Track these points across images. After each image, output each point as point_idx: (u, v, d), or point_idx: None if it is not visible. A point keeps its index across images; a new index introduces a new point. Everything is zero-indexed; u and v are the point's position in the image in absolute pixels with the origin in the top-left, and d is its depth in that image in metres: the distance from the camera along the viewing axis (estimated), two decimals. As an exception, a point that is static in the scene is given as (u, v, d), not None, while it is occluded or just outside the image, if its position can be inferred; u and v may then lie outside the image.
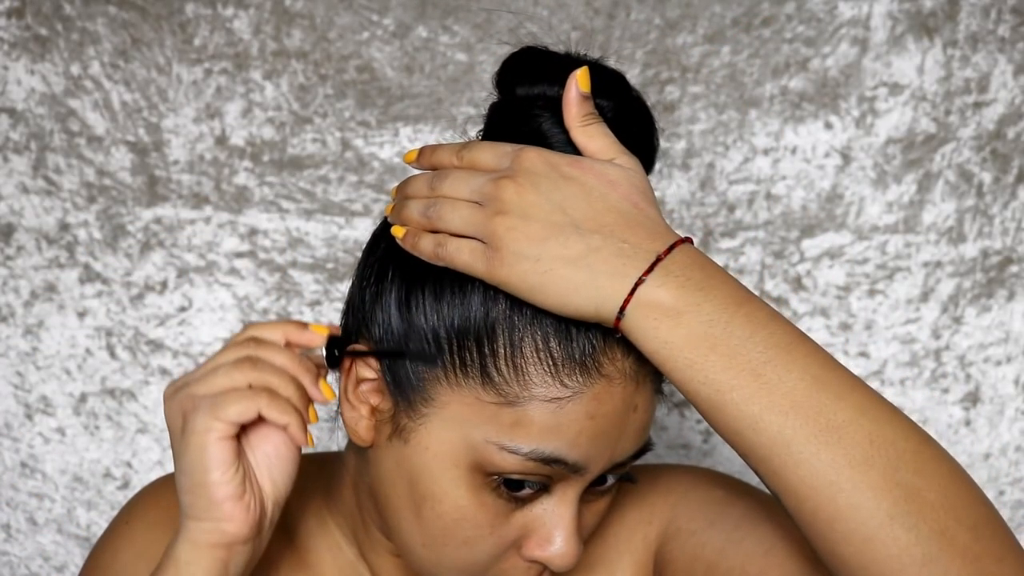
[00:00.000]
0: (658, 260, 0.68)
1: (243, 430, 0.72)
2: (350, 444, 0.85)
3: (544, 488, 0.74)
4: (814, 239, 1.25)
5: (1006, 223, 1.24)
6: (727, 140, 1.23)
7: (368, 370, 0.78)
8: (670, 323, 0.67)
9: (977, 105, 1.23)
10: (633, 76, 1.23)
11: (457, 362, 0.73)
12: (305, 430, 0.72)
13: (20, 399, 1.29)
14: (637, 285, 0.67)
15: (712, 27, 1.22)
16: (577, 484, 0.74)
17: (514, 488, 0.73)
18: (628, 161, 0.72)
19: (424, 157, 0.75)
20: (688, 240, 0.70)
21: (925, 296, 1.25)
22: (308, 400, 0.74)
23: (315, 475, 0.88)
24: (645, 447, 0.76)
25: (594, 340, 0.71)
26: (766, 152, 1.24)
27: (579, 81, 0.72)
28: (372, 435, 0.78)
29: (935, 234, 1.24)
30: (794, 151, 1.24)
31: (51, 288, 1.27)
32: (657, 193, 1.25)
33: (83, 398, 1.29)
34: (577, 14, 1.21)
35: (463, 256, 0.70)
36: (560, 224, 0.68)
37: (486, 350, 0.72)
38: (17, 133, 1.26)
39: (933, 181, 1.24)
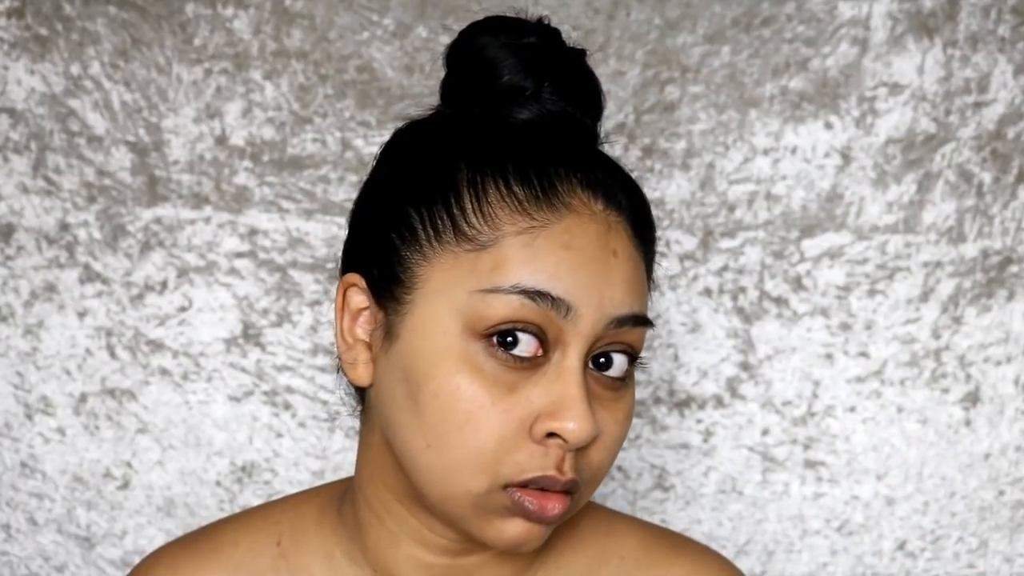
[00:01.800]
0: None
1: None
2: (360, 437, 0.84)
3: (543, 351, 0.73)
4: (814, 239, 1.25)
5: (1006, 223, 1.24)
6: (727, 140, 1.23)
7: (360, 295, 0.79)
8: None
9: (977, 105, 1.23)
10: (633, 76, 1.23)
11: (431, 231, 0.75)
12: None
13: (20, 399, 1.29)
14: None
15: (712, 27, 1.22)
16: (576, 342, 0.73)
17: (509, 346, 0.72)
18: None
19: None
20: None
21: (925, 296, 1.25)
22: None
23: (304, 507, 0.88)
24: (643, 318, 0.76)
25: (554, 178, 0.75)
26: (766, 152, 1.24)
27: None
28: (371, 371, 0.78)
29: (935, 234, 1.24)
30: (794, 151, 1.24)
31: (51, 288, 1.27)
32: (657, 193, 1.25)
33: (83, 398, 1.29)
34: (577, 14, 1.21)
35: None
36: None
37: (455, 209, 0.75)
38: (17, 133, 1.26)
39: (933, 181, 1.24)
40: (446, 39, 1.22)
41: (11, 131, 1.26)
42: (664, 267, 1.25)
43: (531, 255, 0.73)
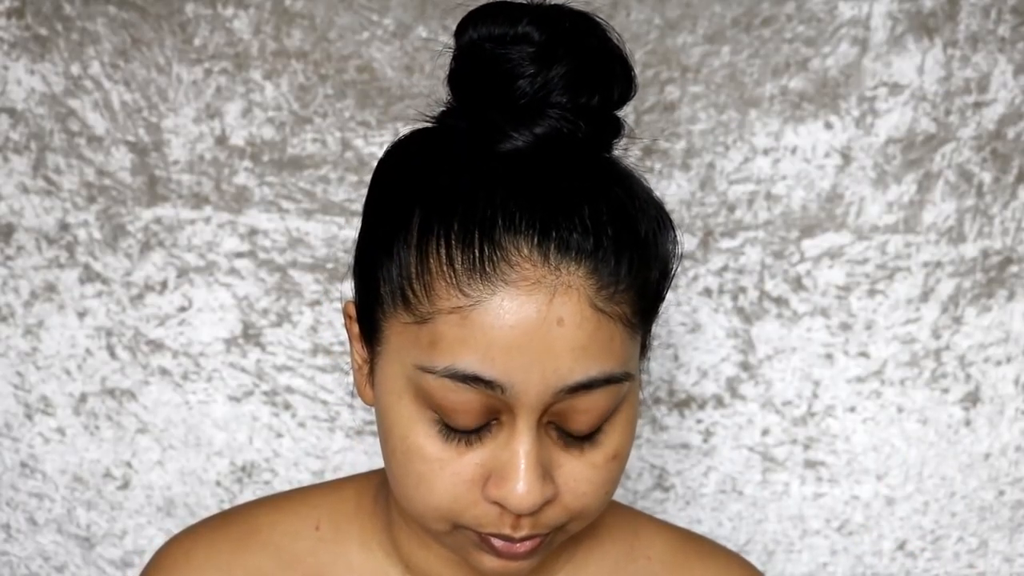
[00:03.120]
0: None
1: None
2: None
3: (491, 418, 0.72)
4: (814, 239, 1.25)
5: (1006, 223, 1.24)
6: (727, 140, 1.23)
7: (354, 324, 0.79)
8: None
9: (977, 105, 1.23)
10: (633, 76, 1.23)
11: (387, 291, 0.73)
12: None
13: (20, 399, 1.29)
14: None
15: (712, 27, 1.22)
16: (524, 414, 0.71)
17: (452, 420, 0.72)
18: None
19: None
20: None
21: (925, 296, 1.25)
22: None
23: (346, 495, 0.88)
24: (608, 377, 0.71)
25: (495, 242, 0.69)
26: (766, 152, 1.24)
27: None
28: (369, 391, 0.78)
29: (935, 234, 1.24)
30: (794, 151, 1.24)
31: (51, 288, 1.27)
32: (657, 193, 1.25)
33: (83, 398, 1.29)
34: (577, 14, 1.21)
35: None
36: None
37: (403, 273, 0.72)
38: (17, 133, 1.26)
39: (933, 181, 1.24)
40: (446, 39, 1.22)
41: (11, 131, 1.26)
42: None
43: (463, 335, 0.69)
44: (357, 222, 1.25)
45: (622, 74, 0.75)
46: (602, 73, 0.74)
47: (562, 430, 0.73)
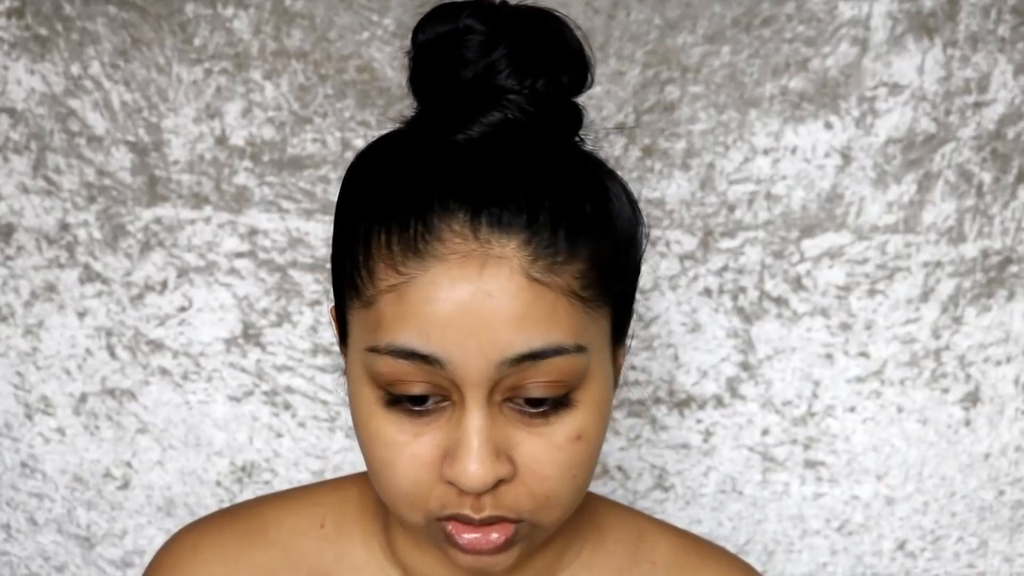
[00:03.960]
0: None
1: None
2: None
3: (442, 397, 0.73)
4: (814, 239, 1.25)
5: (1006, 223, 1.24)
6: (727, 140, 1.23)
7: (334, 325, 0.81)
8: None
9: (977, 105, 1.23)
10: (633, 76, 1.23)
11: (346, 286, 0.75)
12: None
13: (20, 399, 1.29)
14: None
15: (712, 27, 1.22)
16: (471, 390, 0.71)
17: (402, 399, 0.73)
18: None
19: None
20: None
21: (925, 296, 1.25)
22: None
23: (344, 495, 0.89)
24: (554, 348, 0.71)
25: (428, 222, 0.71)
26: (766, 152, 1.24)
27: None
28: None
29: (935, 234, 1.24)
30: (794, 151, 1.24)
31: (51, 288, 1.27)
32: (656, 193, 1.25)
33: (83, 398, 1.29)
34: (577, 14, 1.21)
35: None
36: None
37: (354, 264, 0.74)
38: (17, 133, 1.26)
39: (933, 181, 1.24)
40: (446, 39, 1.22)
41: (11, 131, 1.26)
42: (664, 267, 1.25)
43: (400, 313, 0.71)
44: (357, 222, 1.25)
45: (571, 60, 0.76)
46: (547, 57, 0.75)
47: (520, 407, 0.73)
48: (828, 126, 1.23)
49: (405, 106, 1.24)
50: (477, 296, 0.70)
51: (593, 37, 1.22)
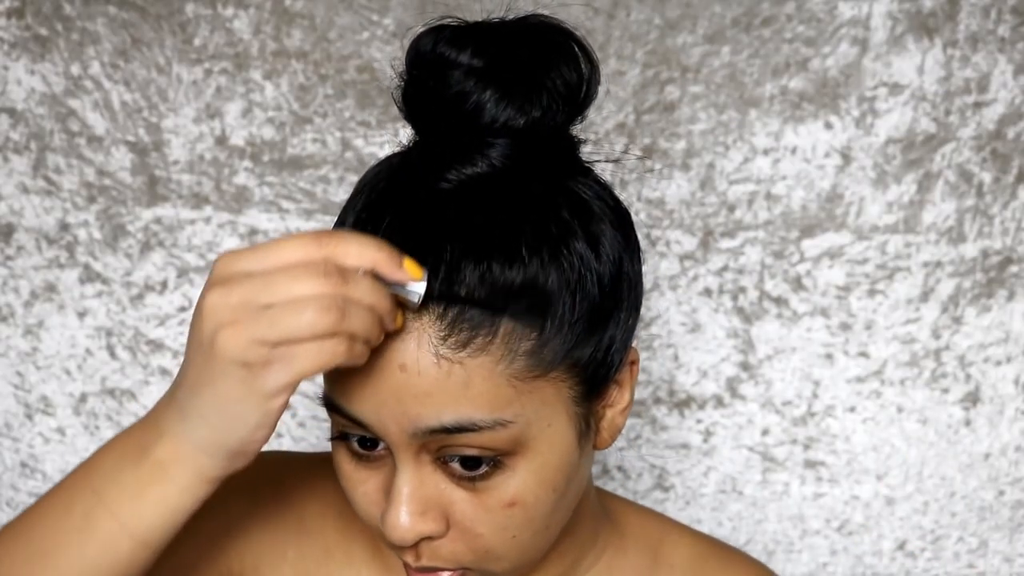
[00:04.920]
0: None
1: None
2: None
3: (388, 451, 0.73)
4: (814, 239, 1.25)
5: (1006, 223, 1.24)
6: (727, 140, 1.23)
7: None
8: None
9: (977, 105, 1.23)
10: (633, 76, 1.23)
11: None
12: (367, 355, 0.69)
13: (20, 399, 1.29)
14: None
15: (712, 27, 1.22)
16: (398, 450, 0.72)
17: (346, 438, 0.75)
18: None
19: None
20: None
21: (925, 296, 1.25)
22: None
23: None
24: (465, 425, 0.70)
25: None
26: (766, 152, 1.24)
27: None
28: None
29: (935, 234, 1.24)
30: (794, 151, 1.24)
31: (51, 288, 1.27)
32: (656, 193, 1.25)
33: (83, 398, 1.29)
34: (577, 14, 1.21)
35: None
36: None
37: None
38: (17, 133, 1.26)
39: (933, 181, 1.24)
40: (446, 39, 1.22)
41: (11, 131, 1.26)
42: (664, 267, 1.25)
43: (333, 373, 0.72)
44: (357, 222, 1.25)
45: (566, 93, 0.74)
46: (537, 93, 0.73)
47: (451, 468, 0.73)
48: (828, 126, 1.23)
49: (405, 106, 1.24)
50: (388, 369, 0.70)
51: (593, 37, 1.22)
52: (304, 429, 1.29)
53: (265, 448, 0.69)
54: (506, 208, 0.71)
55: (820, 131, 1.23)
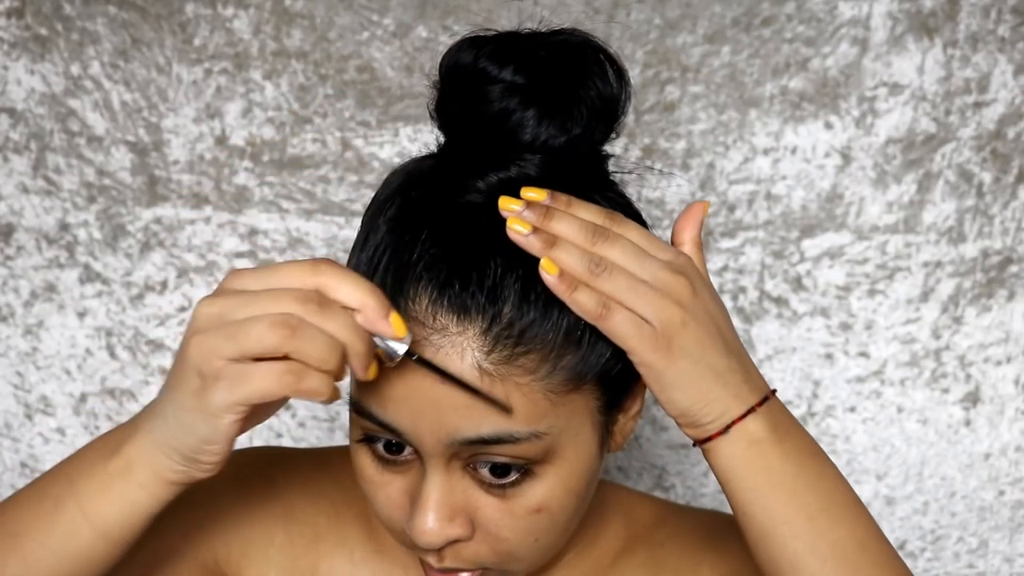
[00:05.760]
0: (766, 398, 0.73)
1: None
2: None
3: (415, 456, 0.74)
4: (814, 239, 1.25)
5: (1006, 223, 1.24)
6: (727, 140, 1.23)
7: None
8: (754, 450, 0.72)
9: (977, 105, 1.23)
10: (633, 76, 1.23)
11: None
12: (331, 392, 0.67)
13: (20, 399, 1.29)
14: (748, 412, 0.72)
15: (712, 27, 1.22)
16: (429, 457, 0.73)
17: (372, 441, 0.75)
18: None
19: (558, 202, 0.72)
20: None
21: (925, 296, 1.25)
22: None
23: (325, 473, 0.90)
24: (502, 436, 0.72)
25: (399, 303, 0.72)
26: (766, 152, 1.24)
27: (705, 208, 0.78)
28: None
29: (935, 234, 1.24)
30: (794, 151, 1.24)
31: (51, 288, 1.27)
32: (656, 193, 1.25)
33: (83, 398, 1.29)
34: (577, 14, 1.21)
35: (629, 330, 0.70)
36: (716, 337, 0.72)
37: None
38: (17, 133, 1.26)
39: (933, 181, 1.24)
40: (446, 39, 1.22)
41: (11, 131, 1.26)
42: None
43: (365, 382, 0.72)
44: (357, 222, 1.25)
45: (597, 111, 0.75)
46: (571, 110, 0.75)
47: (481, 475, 0.74)
48: (828, 126, 1.23)
49: (406, 105, 1.24)
50: (428, 380, 0.71)
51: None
52: (304, 429, 1.29)
53: (264, 446, 0.70)
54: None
55: (820, 131, 1.23)
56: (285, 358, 0.65)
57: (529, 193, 0.71)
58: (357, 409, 0.74)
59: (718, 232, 1.25)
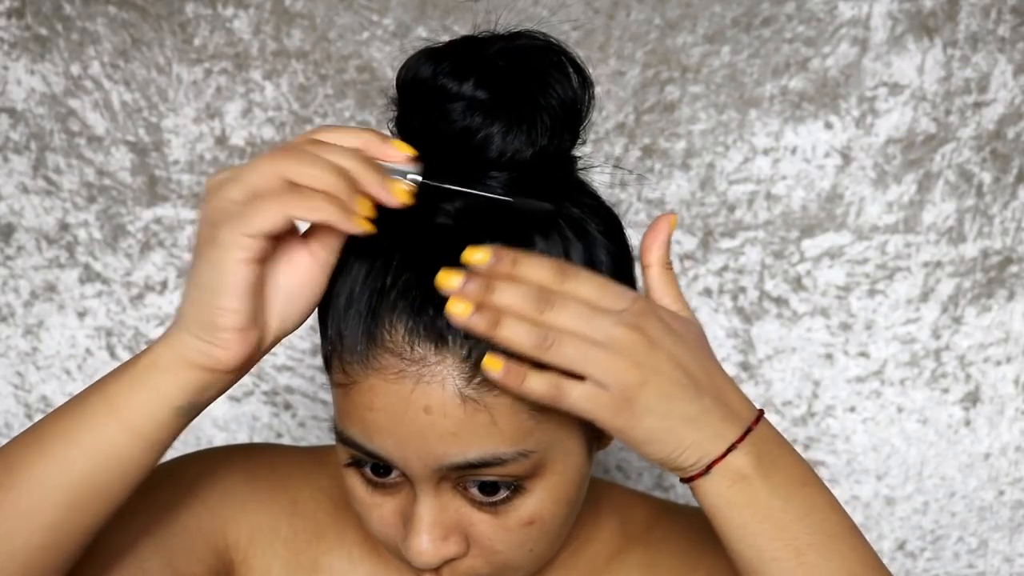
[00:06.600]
0: (749, 430, 0.71)
1: (275, 245, 0.69)
2: None
3: (403, 478, 0.74)
4: (814, 239, 1.25)
5: (1006, 223, 1.24)
6: (727, 140, 1.23)
7: None
8: (739, 487, 0.70)
9: (977, 105, 1.23)
10: (633, 76, 1.23)
11: (323, 348, 0.77)
12: (351, 217, 0.66)
13: (20, 399, 1.29)
14: (730, 450, 0.70)
15: (712, 27, 1.22)
16: (419, 482, 0.73)
17: (359, 465, 0.75)
18: (691, 315, 0.74)
19: (503, 264, 0.69)
20: (761, 412, 0.73)
21: (925, 296, 1.25)
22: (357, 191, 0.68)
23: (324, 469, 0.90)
24: (490, 459, 0.71)
25: (372, 333, 0.71)
26: (766, 152, 1.24)
27: (672, 223, 0.75)
28: None
29: (935, 234, 1.24)
30: (794, 151, 1.24)
31: (51, 288, 1.27)
32: (656, 193, 1.25)
33: (83, 398, 1.29)
34: (577, 14, 1.21)
35: (587, 404, 0.68)
36: (682, 383, 0.69)
37: (323, 338, 0.76)
38: (17, 133, 1.26)
39: (933, 181, 1.24)
40: (446, 39, 1.22)
41: (11, 131, 1.26)
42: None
43: (348, 410, 0.73)
44: (357, 222, 1.25)
45: (562, 118, 0.74)
46: (534, 120, 0.73)
47: (471, 494, 0.74)
48: (828, 126, 1.23)
49: (405, 106, 1.24)
50: (411, 410, 0.70)
51: (593, 37, 1.22)
52: (304, 429, 1.29)
53: (269, 443, 0.70)
54: (514, 241, 0.71)
55: (820, 131, 1.23)
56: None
57: (475, 255, 0.69)
58: (341, 437, 0.74)
59: (718, 232, 1.25)
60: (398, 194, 0.68)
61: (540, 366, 0.68)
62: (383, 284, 0.71)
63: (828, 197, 1.24)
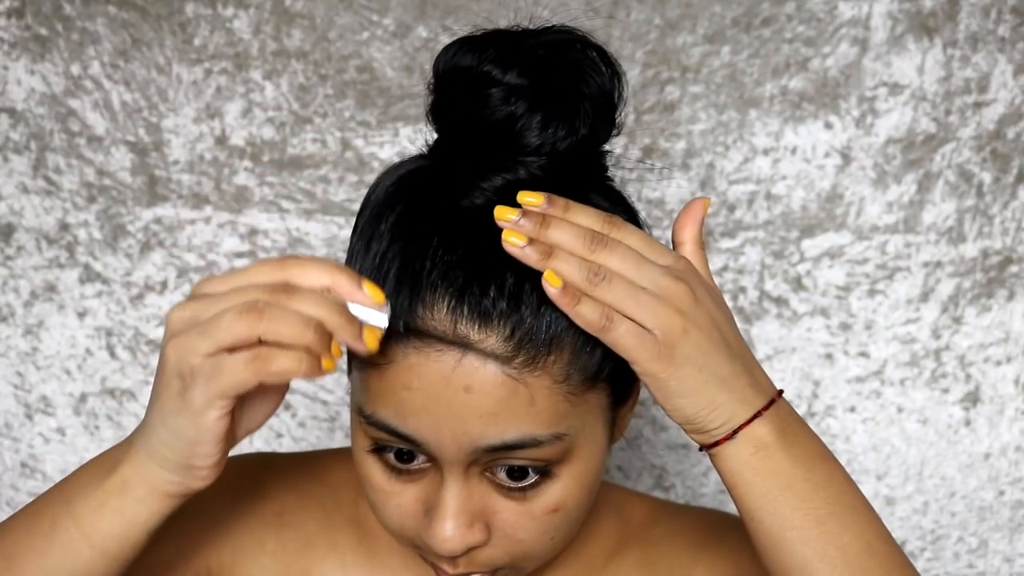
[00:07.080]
0: (773, 401, 0.72)
1: None
2: None
3: (425, 459, 0.74)
4: (814, 239, 1.25)
5: (1006, 223, 1.24)
6: (727, 140, 1.23)
7: None
8: (762, 455, 0.71)
9: (977, 105, 1.23)
10: (633, 76, 1.23)
11: None
12: (318, 365, 0.66)
13: (20, 399, 1.29)
14: (755, 416, 0.71)
15: (712, 27, 1.22)
16: (448, 466, 0.73)
17: (382, 451, 0.75)
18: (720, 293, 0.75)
19: (556, 208, 0.71)
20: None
21: (925, 296, 1.25)
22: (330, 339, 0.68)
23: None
24: (527, 441, 0.72)
25: (412, 310, 0.71)
26: (766, 152, 1.24)
27: (705, 205, 0.78)
28: None
29: (935, 234, 1.24)
30: (794, 151, 1.24)
31: (51, 288, 1.27)
32: (656, 193, 1.25)
33: (83, 398, 1.29)
34: (577, 14, 1.21)
35: (631, 341, 0.69)
36: (719, 342, 0.71)
37: None
38: (17, 133, 1.26)
39: (933, 181, 1.24)
40: (446, 39, 1.22)
41: (11, 131, 1.26)
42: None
43: (382, 390, 0.72)
44: (357, 222, 1.25)
45: (597, 109, 0.75)
46: (570, 109, 0.74)
47: (499, 479, 0.74)
48: (828, 126, 1.23)
49: (406, 105, 1.24)
50: (451, 389, 0.70)
51: (593, 37, 1.22)
52: (304, 429, 1.29)
53: (264, 448, 0.70)
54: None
55: (820, 131, 1.23)
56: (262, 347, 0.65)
57: (527, 198, 0.71)
58: (370, 420, 0.73)
59: (718, 232, 1.25)
60: (371, 343, 0.68)
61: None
62: (421, 265, 0.71)
63: (828, 197, 1.24)
